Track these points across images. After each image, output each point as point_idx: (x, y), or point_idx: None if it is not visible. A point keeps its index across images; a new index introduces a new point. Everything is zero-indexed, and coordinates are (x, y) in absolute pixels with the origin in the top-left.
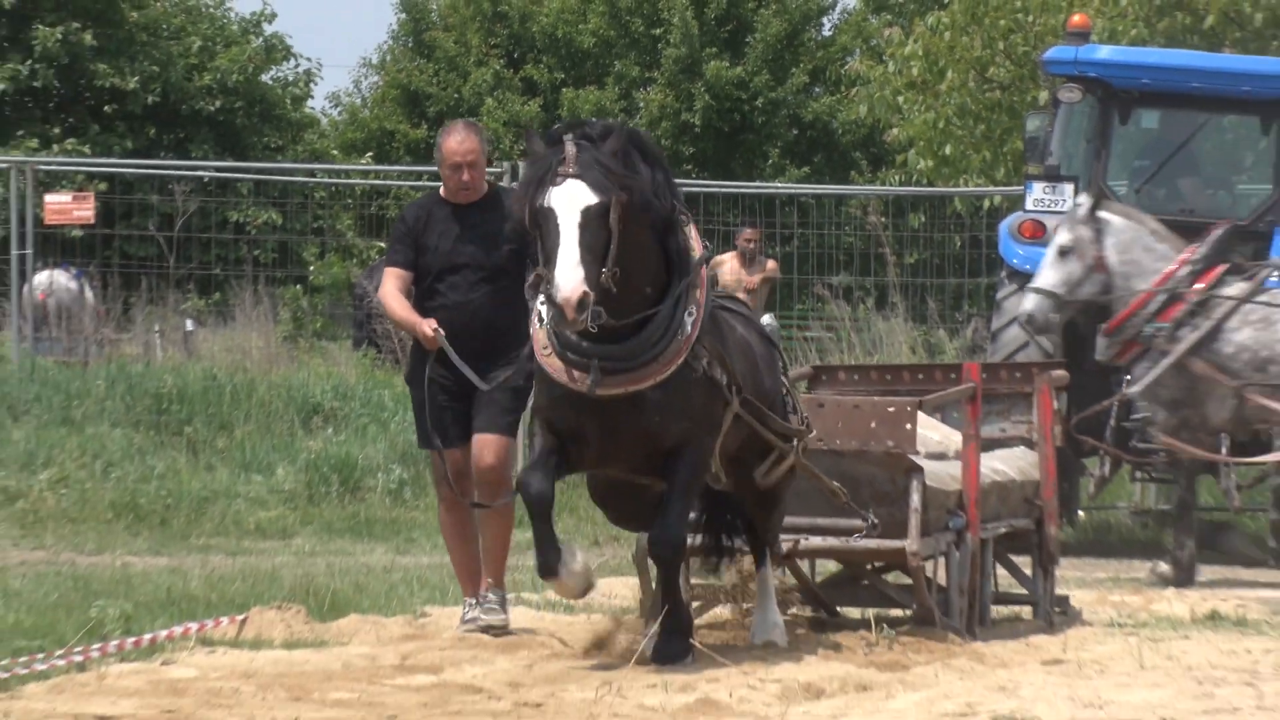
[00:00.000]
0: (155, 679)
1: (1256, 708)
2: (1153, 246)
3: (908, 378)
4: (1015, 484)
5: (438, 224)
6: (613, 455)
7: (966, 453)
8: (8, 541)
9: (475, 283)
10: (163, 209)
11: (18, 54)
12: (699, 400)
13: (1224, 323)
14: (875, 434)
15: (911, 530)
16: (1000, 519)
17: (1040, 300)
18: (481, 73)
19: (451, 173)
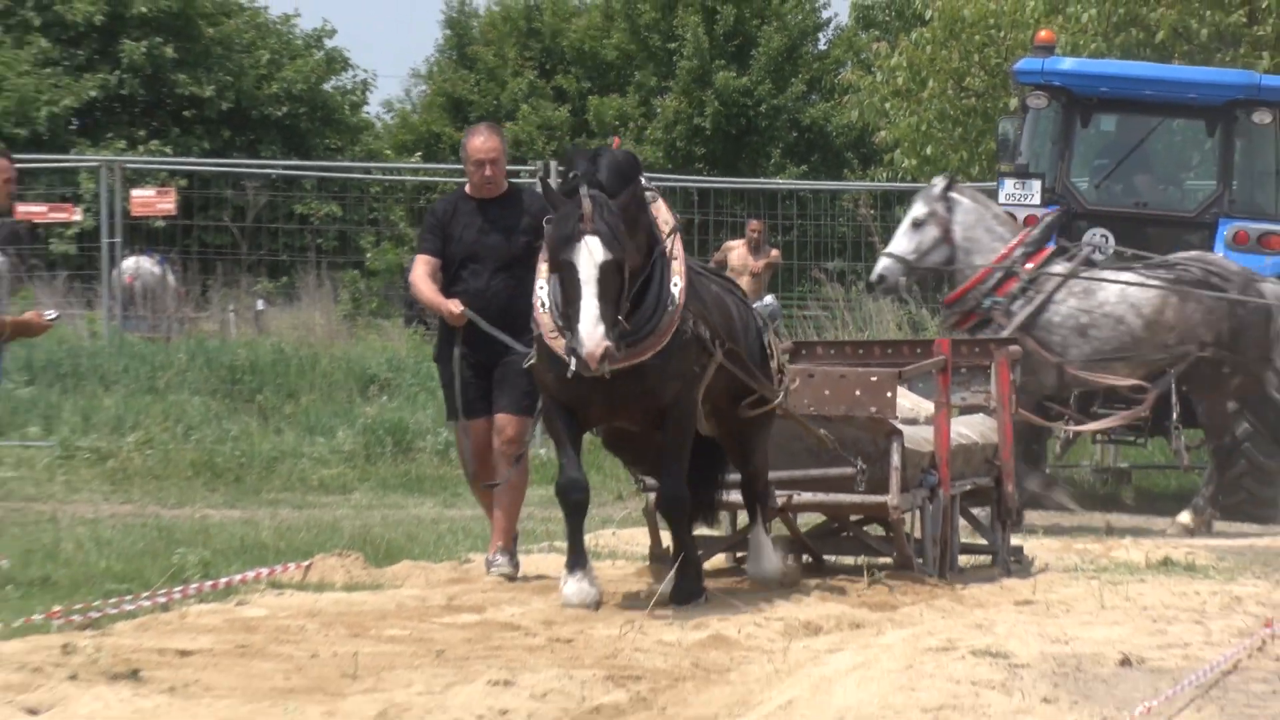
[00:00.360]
0: (230, 618)
1: (1204, 643)
2: (994, 228)
3: (878, 352)
4: (978, 446)
5: (463, 217)
6: (616, 415)
7: (938, 418)
8: (99, 496)
9: (495, 270)
10: (236, 202)
11: (107, 65)
12: (689, 359)
13: (1052, 296)
14: (859, 401)
15: (892, 486)
16: (965, 477)
17: (891, 264)
18: (517, 82)
19: (475, 169)
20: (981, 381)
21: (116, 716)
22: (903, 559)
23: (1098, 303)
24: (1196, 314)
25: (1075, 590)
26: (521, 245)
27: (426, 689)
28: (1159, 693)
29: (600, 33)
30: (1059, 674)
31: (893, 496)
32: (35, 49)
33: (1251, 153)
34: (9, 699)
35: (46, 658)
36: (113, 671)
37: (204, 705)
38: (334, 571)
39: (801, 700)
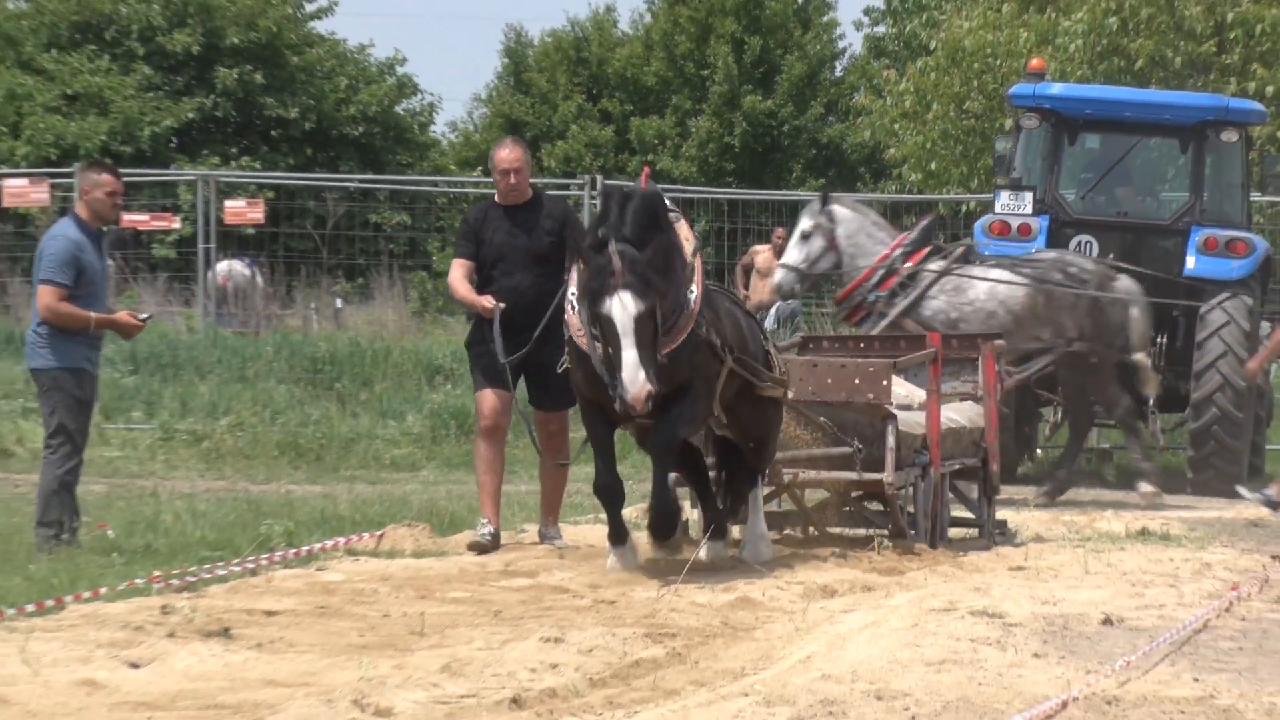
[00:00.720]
0: (311, 581)
1: (1177, 604)
2: (874, 233)
3: (877, 345)
4: (965, 430)
5: (492, 223)
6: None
7: (929, 404)
8: (195, 473)
9: (523, 268)
10: (317, 212)
11: (203, 90)
12: (699, 357)
13: (927, 291)
14: (858, 388)
15: (888, 465)
16: (954, 458)
17: (786, 274)
18: (567, 105)
19: (502, 177)
20: (970, 373)
21: (209, 669)
22: (897, 530)
23: (968, 298)
24: (1059, 308)
25: (1062, 557)
26: (546, 245)
27: (486, 645)
28: (1137, 648)
29: (641, 61)
30: (1048, 632)
31: (888, 474)
32: (140, 76)
33: (1220, 168)
34: (114, 654)
35: (147, 617)
36: (206, 629)
37: (287, 660)
38: (404, 540)
39: (819, 655)
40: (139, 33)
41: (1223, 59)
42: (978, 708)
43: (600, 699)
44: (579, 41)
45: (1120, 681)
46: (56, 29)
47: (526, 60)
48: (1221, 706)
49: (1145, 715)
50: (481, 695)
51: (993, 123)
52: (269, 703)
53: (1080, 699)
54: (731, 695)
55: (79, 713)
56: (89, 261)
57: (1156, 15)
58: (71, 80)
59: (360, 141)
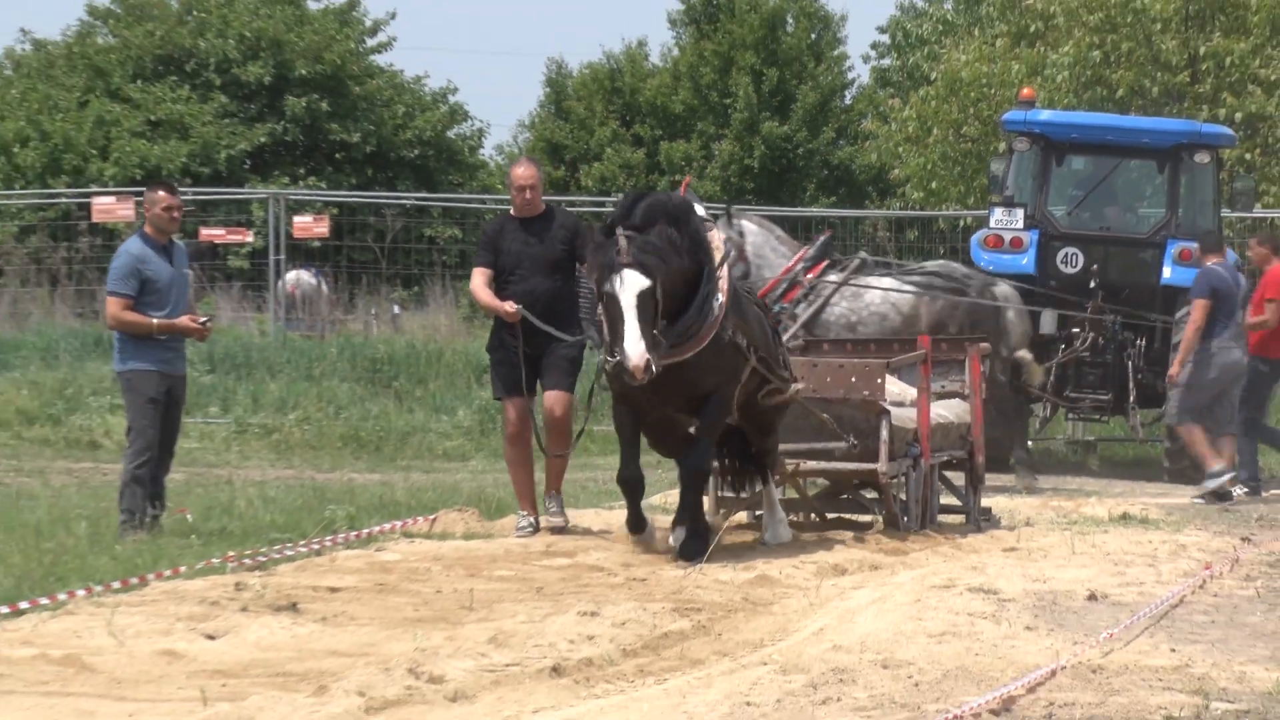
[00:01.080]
0: (371, 561)
1: (1156, 582)
2: (777, 247)
3: (872, 347)
4: (954, 425)
5: (509, 233)
6: (666, 402)
7: (920, 401)
8: (266, 463)
9: (538, 275)
10: (377, 227)
11: (274, 117)
12: (726, 359)
13: (828, 300)
14: (854, 386)
15: (882, 456)
16: (943, 450)
17: None
18: (603, 130)
19: (518, 193)
20: (957, 372)
21: (279, 641)
22: (890, 516)
23: (864, 304)
24: (944, 311)
25: (1051, 539)
26: (559, 252)
27: (528, 618)
28: (1119, 622)
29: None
30: (1039, 607)
31: (882, 464)
32: (216, 104)
33: (1194, 186)
34: (192, 626)
35: (222, 593)
36: (276, 604)
37: (349, 632)
38: (455, 523)
39: (831, 628)
40: (216, 65)
41: (1196, 88)
42: (975, 675)
43: (632, 667)
44: (614, 73)
45: (1104, 652)
46: (142, 62)
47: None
48: (1196, 674)
49: (1127, 682)
50: (525, 664)
51: (988, 146)
52: (332, 671)
53: (1068, 668)
54: (751, 664)
55: (160, 680)
56: (152, 272)
57: (1136, 49)
58: (155, 108)
59: (416, 163)
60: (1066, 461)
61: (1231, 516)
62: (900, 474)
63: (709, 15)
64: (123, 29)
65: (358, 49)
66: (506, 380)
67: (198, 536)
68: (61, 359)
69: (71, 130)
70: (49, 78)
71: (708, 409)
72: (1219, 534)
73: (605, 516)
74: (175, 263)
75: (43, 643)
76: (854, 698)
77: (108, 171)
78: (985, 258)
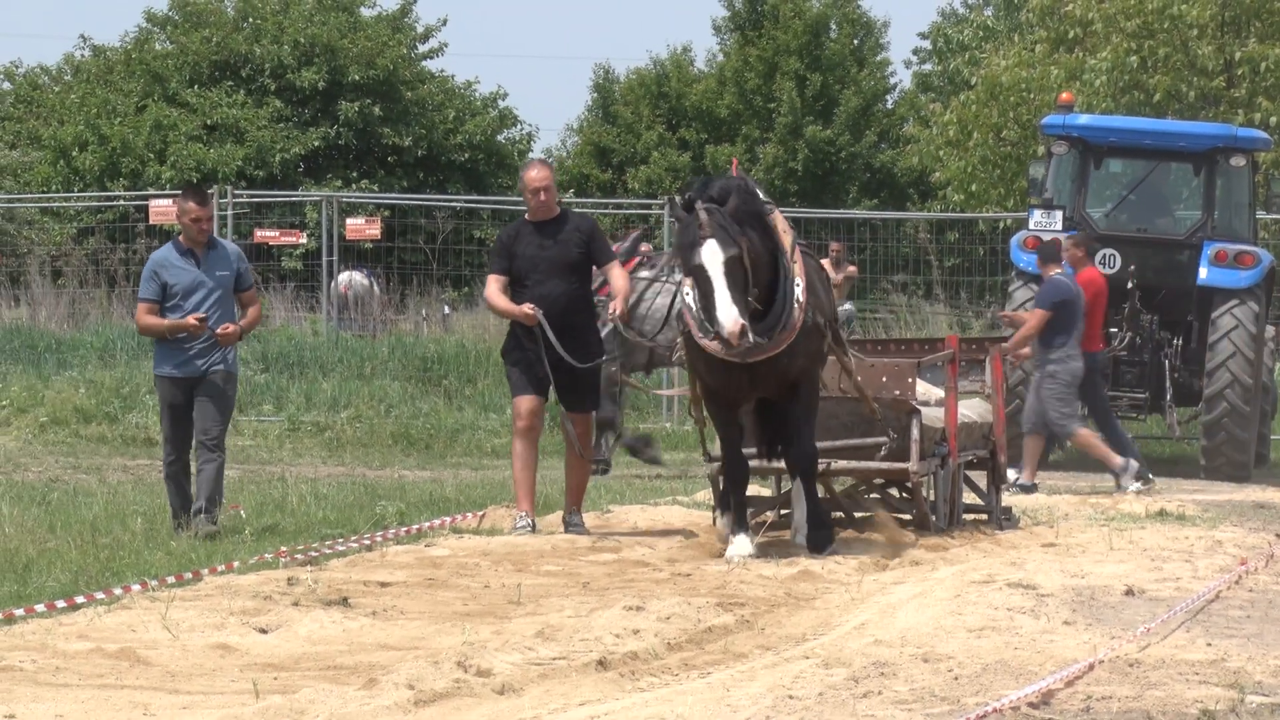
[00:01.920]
0: (420, 556)
1: (1192, 577)
2: None
3: (894, 348)
4: (977, 424)
5: (524, 238)
6: (757, 391)
7: (948, 400)
8: (318, 460)
9: (554, 278)
10: (428, 229)
11: (327, 121)
12: (813, 343)
13: (643, 295)
14: (886, 385)
15: (913, 456)
16: (967, 449)
17: None
18: (649, 134)
19: (531, 195)
20: (979, 373)
21: (330, 635)
22: (921, 516)
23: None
24: None
25: (1089, 535)
26: (575, 255)
27: (575, 613)
28: (1156, 617)
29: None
30: (1077, 602)
31: (913, 464)
32: (271, 109)
33: (1229, 189)
34: (245, 620)
35: (275, 588)
36: (327, 599)
37: (399, 626)
38: (503, 520)
39: (872, 622)
40: (271, 70)
41: (1231, 93)
42: (1014, 669)
43: (677, 661)
44: (660, 78)
45: (1141, 646)
46: (198, 67)
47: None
48: (1232, 668)
49: (1163, 676)
50: (571, 657)
51: (1027, 150)
52: (383, 664)
53: (1105, 662)
54: (794, 658)
55: (213, 673)
56: (171, 277)
57: (1172, 54)
58: (211, 112)
59: (466, 166)
60: None
61: (1267, 513)
62: (930, 473)
63: (753, 21)
64: (180, 35)
65: (410, 55)
66: (525, 376)
67: (251, 532)
68: (118, 358)
69: (129, 134)
70: (108, 83)
71: (801, 395)
72: (1254, 530)
73: (650, 513)
74: (207, 267)
75: (98, 636)
76: (894, 691)
77: (165, 174)
78: (1025, 259)
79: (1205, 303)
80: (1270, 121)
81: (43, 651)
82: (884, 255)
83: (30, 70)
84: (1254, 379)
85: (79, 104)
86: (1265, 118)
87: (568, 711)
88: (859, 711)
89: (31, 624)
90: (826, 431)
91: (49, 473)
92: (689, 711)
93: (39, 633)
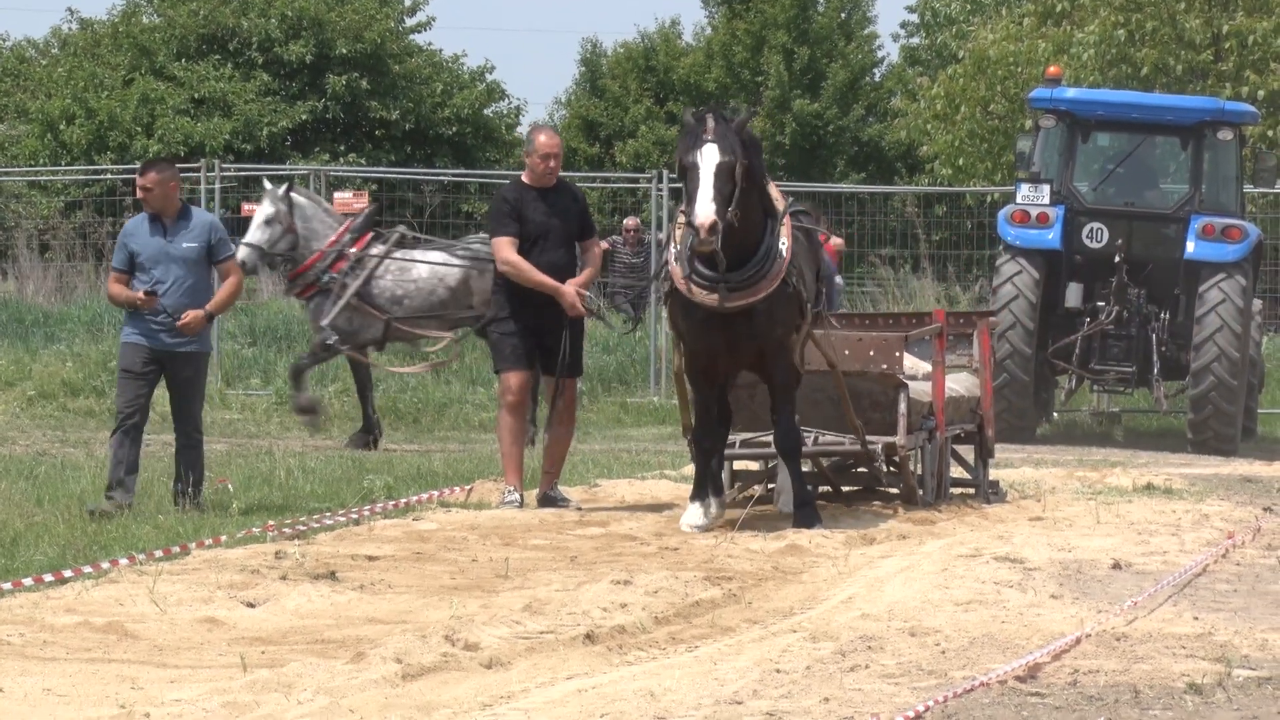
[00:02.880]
0: (408, 530)
1: (1179, 551)
2: (325, 220)
3: (881, 322)
4: (964, 398)
5: (529, 203)
6: (734, 358)
7: (935, 374)
8: (306, 434)
9: (558, 247)
10: (416, 203)
11: (315, 95)
12: (790, 311)
13: (374, 271)
14: (873, 359)
15: (900, 430)
16: (954, 424)
17: (249, 252)
18: (637, 108)
19: (541, 160)
20: (966, 346)
21: (318, 608)
22: (908, 490)
23: (413, 278)
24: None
25: (1076, 509)
26: (574, 226)
27: (563, 586)
28: (1143, 590)
29: (703, 68)
30: (1064, 575)
31: (900, 437)
32: (259, 82)
33: (1217, 163)
34: (233, 594)
35: (262, 562)
36: (315, 573)
37: (387, 599)
38: (490, 493)
39: (859, 596)
40: (258, 44)
41: (1219, 66)
42: (1001, 643)
43: (664, 635)
44: (648, 51)
45: (1128, 620)
46: (185, 41)
47: (601, 68)
48: (1219, 642)
49: (1151, 650)
50: (559, 631)
51: (1014, 123)
52: (370, 638)
53: (1093, 635)
54: (781, 632)
55: (201, 647)
56: (137, 245)
57: (1160, 28)
58: (199, 86)
59: (454, 140)
60: (1092, 432)
61: (1254, 487)
62: (917, 446)
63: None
64: (167, 9)
65: (397, 28)
66: (516, 352)
67: (238, 506)
68: (105, 332)
69: (117, 108)
70: (95, 56)
71: (776, 369)
72: (1241, 504)
73: (638, 487)
74: (173, 237)
75: (86, 610)
76: (882, 665)
77: (152, 148)
78: (1012, 233)
79: (1192, 277)
80: (1258, 95)
81: (30, 625)
82: (871, 229)
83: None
84: (1241, 353)
85: (66, 77)
86: (1253, 91)
87: (555, 685)
88: (846, 685)
89: (19, 598)
90: (814, 406)
91: (36, 446)
92: (676, 685)
93: (26, 606)
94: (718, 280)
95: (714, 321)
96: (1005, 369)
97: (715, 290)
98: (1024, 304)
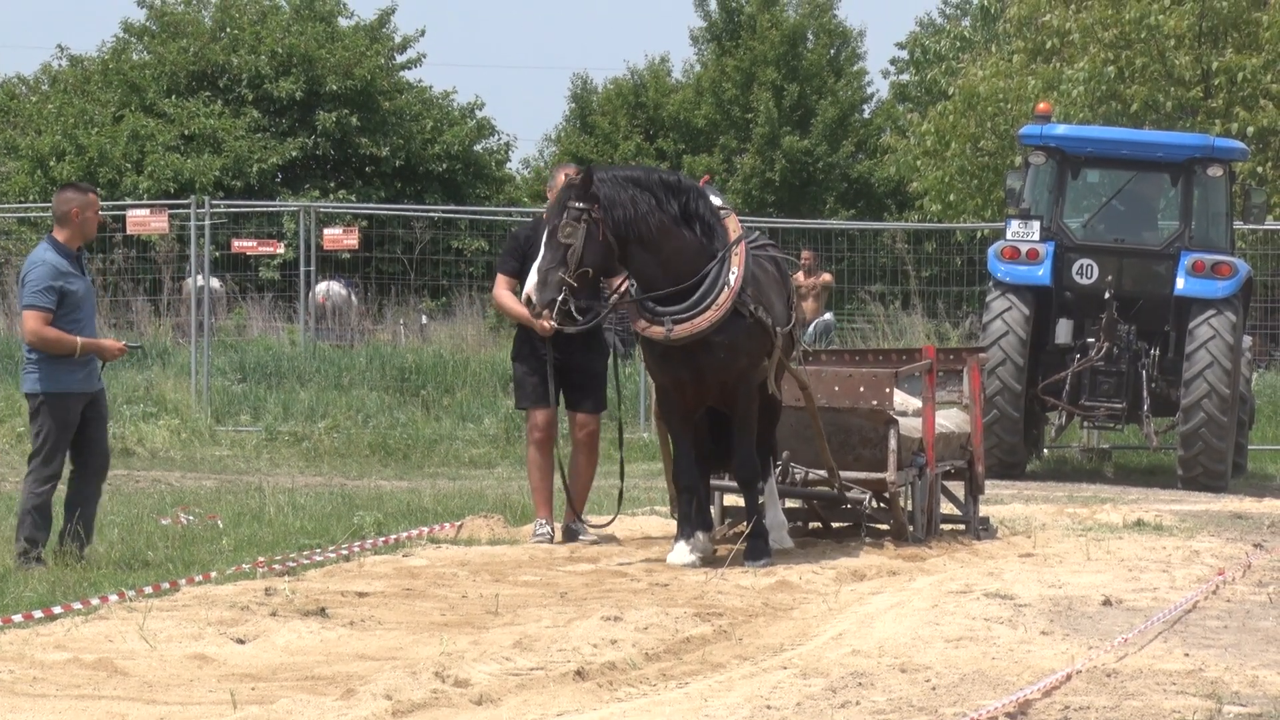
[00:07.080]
0: (398, 566)
1: (1169, 587)
2: None
3: (871, 358)
4: (954, 434)
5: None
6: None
7: (925, 410)
8: (295, 470)
9: None
10: (406, 239)
11: (305, 131)
12: (754, 342)
13: None
14: (863, 395)
15: (890, 466)
16: (945, 460)
17: None
18: (627, 144)
19: None
20: (956, 383)
21: (308, 645)
22: (899, 527)
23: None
24: None
25: (1067, 545)
26: None
27: (553, 623)
28: (1134, 627)
29: (692, 105)
30: (1054, 612)
31: (890, 474)
32: (249, 118)
33: (1207, 199)
34: (223, 630)
35: (252, 598)
36: (305, 609)
37: (377, 636)
38: (480, 530)
39: (850, 632)
40: (249, 80)
41: (1209, 103)
42: (991, 679)
43: (655, 671)
44: (637, 88)
45: (1119, 656)
46: (176, 77)
47: (591, 104)
48: (1209, 679)
49: (1141, 687)
50: (549, 668)
51: (1004, 160)
52: (360, 674)
53: (1083, 672)
54: (772, 668)
55: (190, 683)
56: (72, 286)
57: (1150, 65)
58: (189, 122)
59: (444, 176)
60: (1082, 469)
61: (1244, 523)
62: (907, 483)
63: (730, 32)
64: (157, 45)
65: (388, 65)
66: (536, 391)
67: (228, 542)
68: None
69: (107, 144)
70: (85, 93)
71: (740, 401)
72: (1231, 540)
73: (629, 523)
74: (86, 273)
75: (75, 647)
76: (872, 701)
77: (142, 185)
78: (1002, 269)
79: (1182, 313)
80: (1247, 131)
81: (20, 662)
82: (861, 265)
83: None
84: (1231, 389)
85: (56, 114)
86: (1242, 128)
87: None
88: None
89: (9, 634)
90: (805, 442)
91: None
92: None
93: (16, 643)
94: (662, 314)
95: (674, 354)
96: (995, 405)
97: (661, 323)
98: (1014, 340)
